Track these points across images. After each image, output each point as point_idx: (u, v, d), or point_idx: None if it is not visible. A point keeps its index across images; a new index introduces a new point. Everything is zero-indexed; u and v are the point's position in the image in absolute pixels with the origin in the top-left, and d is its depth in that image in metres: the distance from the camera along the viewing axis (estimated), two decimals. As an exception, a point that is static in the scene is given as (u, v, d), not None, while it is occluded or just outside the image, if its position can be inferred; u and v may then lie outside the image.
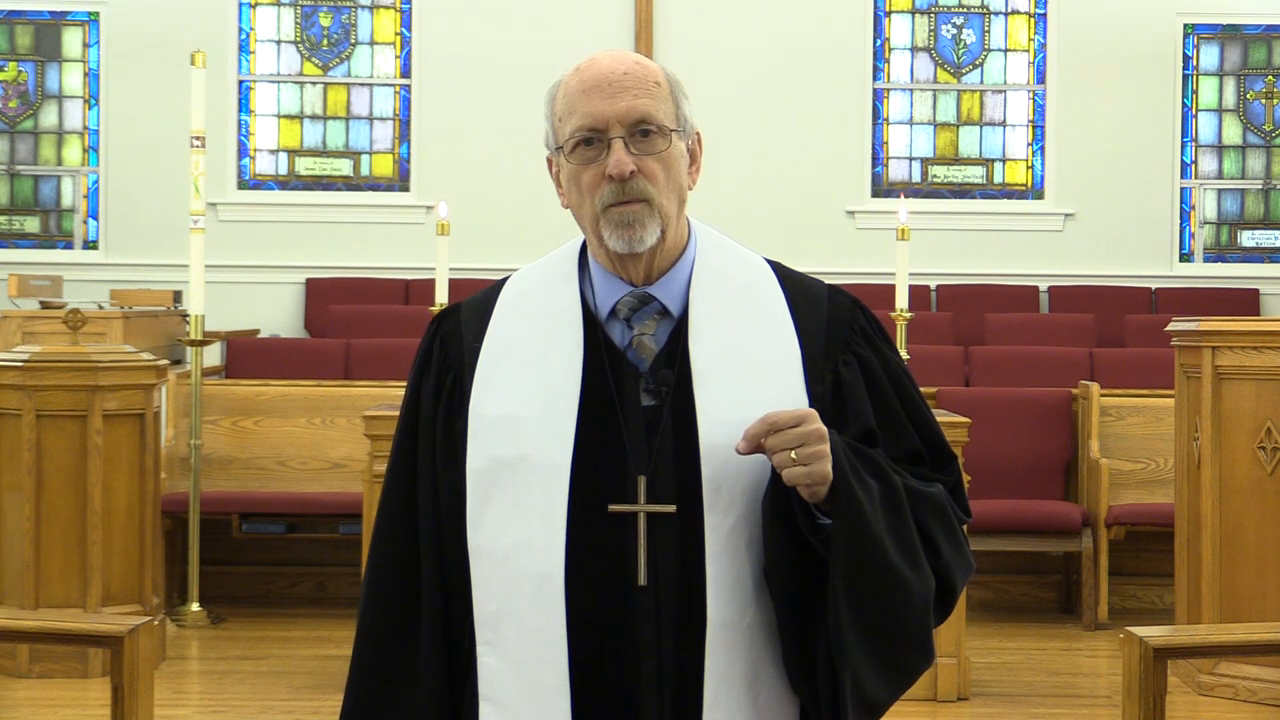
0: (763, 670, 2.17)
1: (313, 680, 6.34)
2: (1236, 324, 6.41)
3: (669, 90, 2.23)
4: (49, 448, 6.43)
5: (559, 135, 2.23)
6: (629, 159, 2.17)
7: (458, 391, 2.27)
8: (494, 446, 2.20)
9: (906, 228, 6.62)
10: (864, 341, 2.29)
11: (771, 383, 2.21)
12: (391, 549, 2.29)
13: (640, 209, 2.18)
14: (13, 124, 11.34)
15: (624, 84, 2.19)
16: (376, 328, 9.92)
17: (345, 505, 7.50)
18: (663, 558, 2.15)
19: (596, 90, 2.19)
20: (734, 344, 2.22)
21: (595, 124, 2.18)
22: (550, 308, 2.26)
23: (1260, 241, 11.56)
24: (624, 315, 2.23)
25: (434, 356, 2.31)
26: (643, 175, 2.18)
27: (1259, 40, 11.48)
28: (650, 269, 2.24)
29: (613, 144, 2.18)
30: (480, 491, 2.21)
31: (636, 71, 2.21)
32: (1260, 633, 4.31)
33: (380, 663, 2.28)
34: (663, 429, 2.18)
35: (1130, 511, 7.58)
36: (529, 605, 2.16)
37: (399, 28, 11.44)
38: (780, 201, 11.13)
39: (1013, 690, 6.38)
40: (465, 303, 2.35)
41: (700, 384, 2.19)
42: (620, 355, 2.22)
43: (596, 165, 2.19)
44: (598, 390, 2.19)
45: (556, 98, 2.24)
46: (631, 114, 2.18)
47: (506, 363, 2.24)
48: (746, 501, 2.16)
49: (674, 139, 2.22)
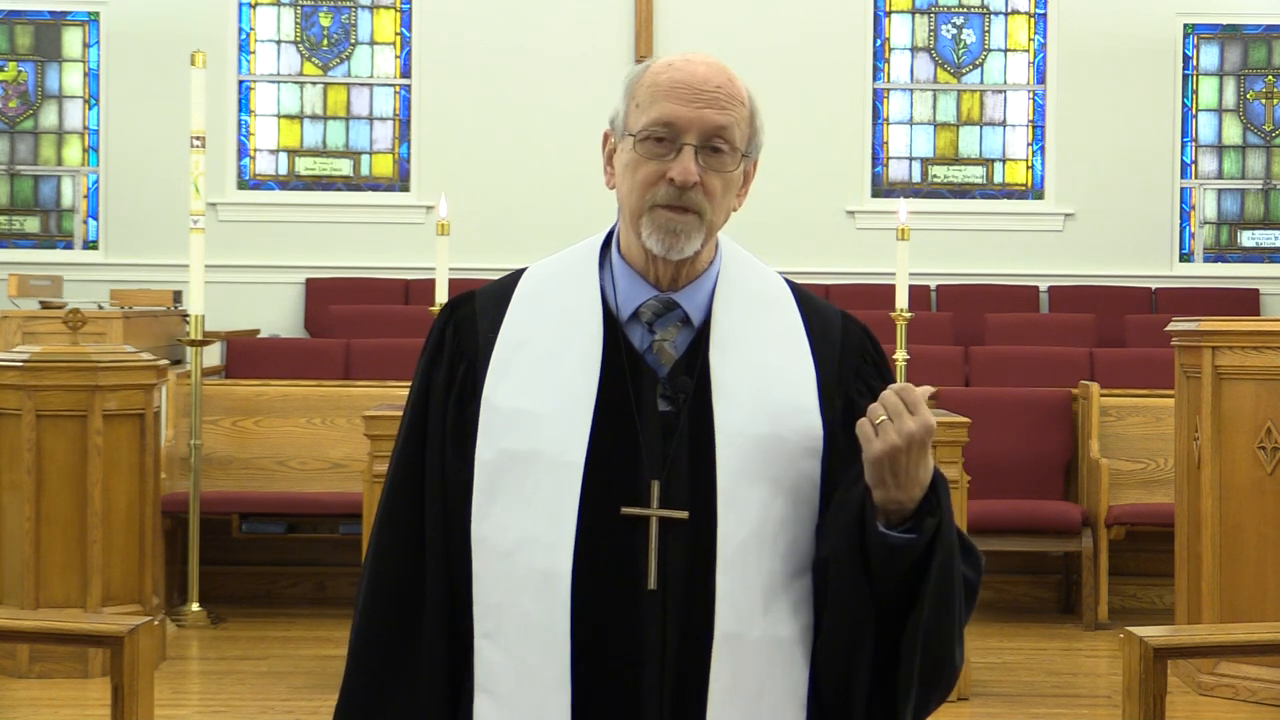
0: (769, 686, 2.16)
1: (313, 680, 6.34)
2: (1236, 324, 6.41)
3: (750, 114, 2.25)
4: (49, 448, 6.43)
5: (632, 121, 2.22)
6: (696, 169, 2.17)
7: (470, 380, 2.24)
8: (505, 439, 2.18)
9: (906, 228, 6.62)
10: (875, 373, 2.29)
11: (788, 400, 2.20)
12: (396, 533, 2.27)
13: (689, 220, 2.18)
14: (13, 124, 11.33)
15: (713, 95, 2.19)
16: (376, 328, 9.92)
17: (345, 505, 7.50)
18: (672, 564, 2.14)
19: (685, 91, 2.19)
20: (754, 358, 2.22)
21: (674, 123, 2.17)
22: (571, 304, 2.24)
23: (1260, 241, 11.56)
24: (646, 319, 2.23)
25: (447, 343, 2.29)
26: (702, 187, 2.18)
27: (1259, 40, 11.48)
28: (677, 275, 2.23)
29: (684, 150, 2.17)
30: (488, 483, 2.19)
31: (727, 87, 2.21)
32: (1260, 633, 4.31)
33: (381, 645, 2.25)
34: (679, 436, 2.17)
35: (1130, 511, 7.58)
36: (533, 601, 2.14)
37: (399, 28, 11.43)
38: (780, 201, 11.11)
39: (1013, 690, 6.38)
40: (480, 291, 2.33)
41: (719, 395, 2.19)
42: (639, 358, 2.21)
43: (660, 163, 2.18)
44: (615, 392, 2.18)
45: (641, 83, 2.23)
46: (711, 126, 2.18)
47: (523, 356, 2.22)
48: (760, 513, 2.15)
49: (742, 162, 2.23)
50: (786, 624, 2.17)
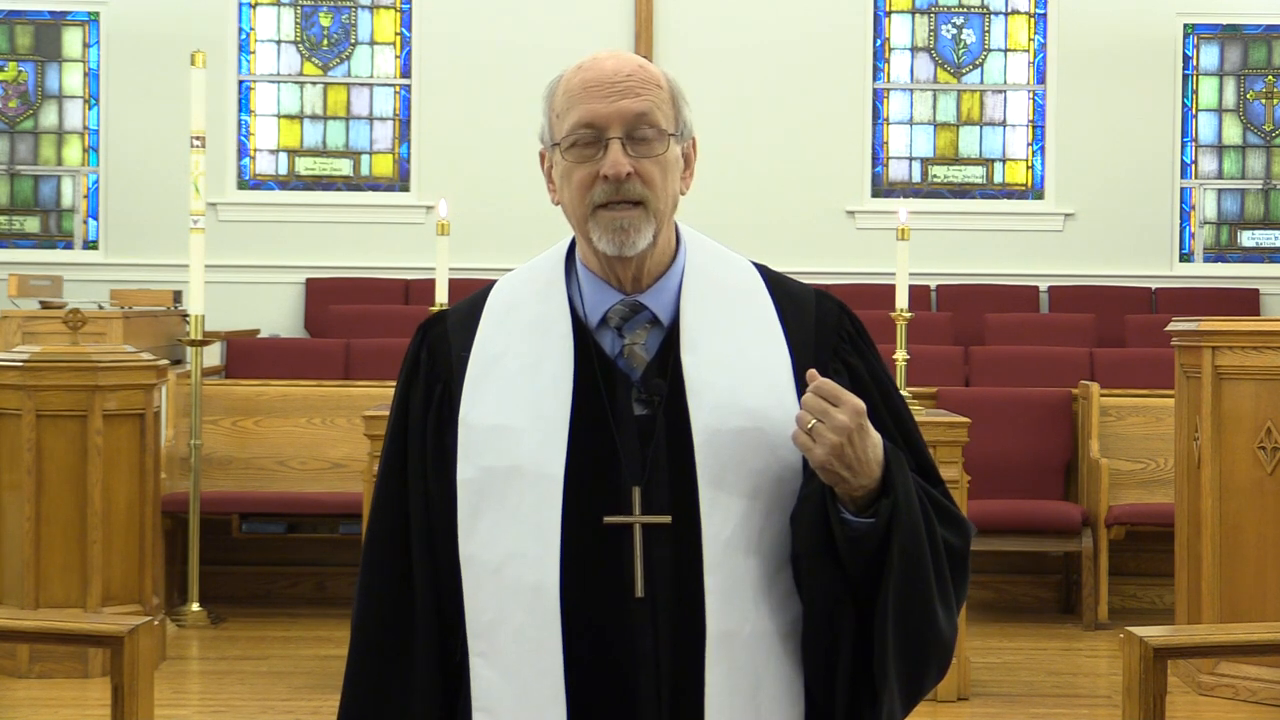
0: (764, 680, 2.15)
1: (313, 680, 6.34)
2: (1236, 324, 6.41)
3: (670, 94, 2.22)
4: (49, 448, 6.43)
5: (555, 131, 2.21)
6: (626, 160, 2.16)
7: (447, 401, 2.24)
8: (485, 457, 2.18)
9: (906, 228, 6.62)
10: (852, 349, 2.28)
11: (763, 391, 2.19)
12: (384, 557, 2.27)
13: (635, 213, 2.17)
14: (13, 124, 11.33)
15: (626, 85, 2.18)
16: (376, 328, 9.92)
17: (345, 505, 7.50)
18: (659, 568, 2.14)
19: (598, 89, 2.18)
20: (726, 353, 2.21)
21: (594, 122, 2.17)
22: (539, 315, 2.24)
23: (1260, 241, 11.56)
24: (614, 324, 2.22)
25: (422, 366, 2.29)
26: (639, 177, 2.16)
27: (1259, 40, 11.48)
28: (640, 273, 2.22)
29: (610, 144, 2.16)
30: (471, 501, 2.19)
31: (639, 74, 2.19)
32: (1260, 633, 4.31)
33: (375, 670, 2.25)
34: (656, 439, 2.17)
35: (1130, 511, 7.58)
36: (524, 616, 2.14)
37: (399, 28, 11.43)
38: (780, 201, 11.12)
39: (1013, 690, 6.38)
40: (451, 310, 2.33)
41: (693, 394, 2.17)
42: (611, 364, 2.20)
43: (591, 164, 2.17)
44: (590, 400, 2.18)
45: (556, 93, 2.22)
46: (631, 115, 2.17)
47: (496, 372, 2.22)
48: (744, 509, 2.15)
49: (671, 143, 2.20)
50: (777, 617, 2.16)
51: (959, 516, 2.23)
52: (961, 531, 2.22)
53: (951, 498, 2.26)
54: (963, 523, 2.23)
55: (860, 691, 2.15)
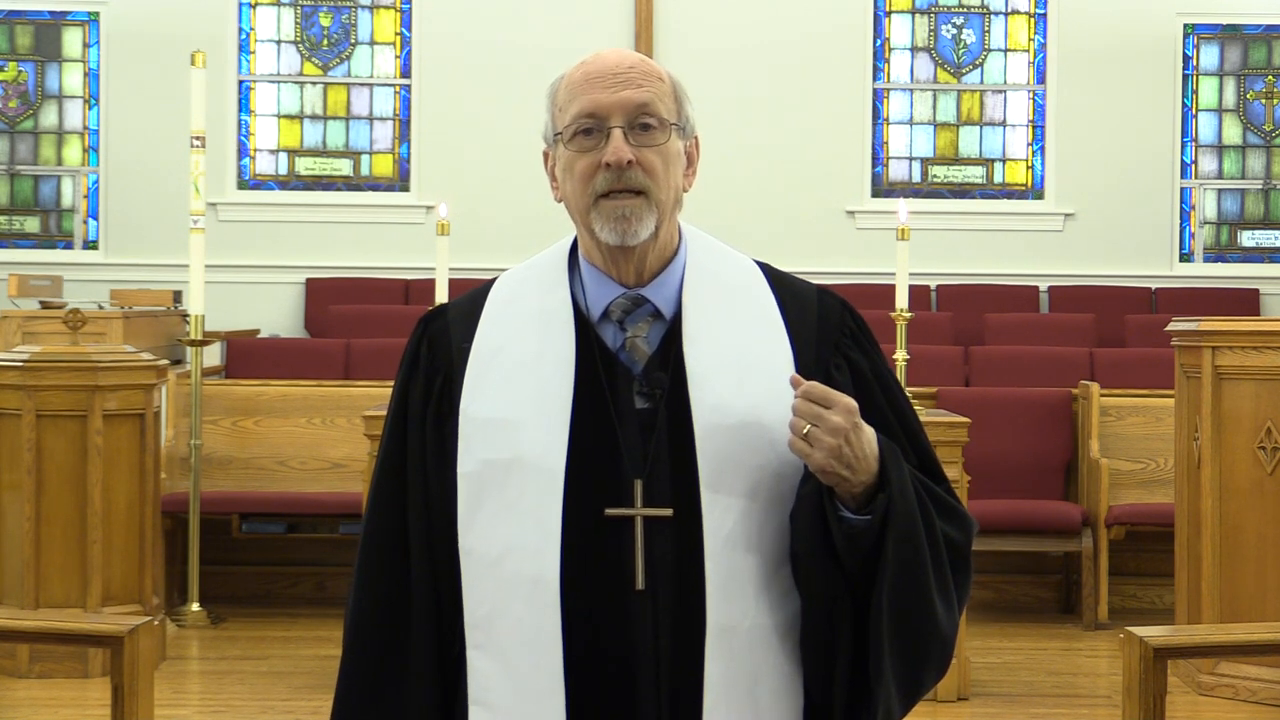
0: (763, 675, 2.15)
1: (313, 680, 6.34)
2: (1236, 324, 6.41)
3: (671, 88, 2.23)
4: (49, 448, 6.43)
5: (558, 124, 2.22)
6: (628, 148, 2.16)
7: (447, 393, 2.25)
8: (486, 449, 2.18)
9: (906, 228, 6.62)
10: (854, 345, 2.28)
11: (765, 385, 2.19)
12: (381, 550, 2.26)
13: (637, 202, 2.17)
14: (13, 124, 11.33)
15: (628, 76, 2.19)
16: (376, 328, 9.92)
17: (345, 505, 7.50)
18: (660, 561, 2.14)
19: (600, 80, 2.19)
20: (727, 346, 2.21)
21: (596, 111, 2.18)
22: (541, 309, 2.24)
23: (1260, 241, 11.56)
24: (616, 317, 2.22)
25: (422, 358, 2.29)
26: (640, 167, 2.17)
27: (1259, 40, 11.48)
28: (642, 267, 2.22)
29: (612, 133, 2.17)
30: (471, 494, 2.19)
31: (641, 66, 2.21)
32: (1260, 633, 4.31)
33: (371, 663, 2.25)
34: (658, 432, 2.17)
35: (1130, 511, 7.58)
36: (523, 608, 2.14)
37: (399, 28, 11.43)
38: (780, 201, 11.13)
39: (1013, 690, 6.38)
40: (452, 304, 2.34)
41: (695, 387, 2.18)
42: (613, 357, 2.21)
43: (594, 154, 2.18)
44: (591, 393, 2.18)
45: (559, 89, 2.24)
46: (633, 104, 2.18)
47: (497, 365, 2.22)
48: (745, 504, 2.15)
49: (673, 134, 2.21)
50: (777, 611, 2.16)
51: (961, 511, 2.23)
52: (963, 526, 2.22)
53: (954, 494, 2.26)
54: (964, 518, 2.23)
55: (858, 690, 2.15)
